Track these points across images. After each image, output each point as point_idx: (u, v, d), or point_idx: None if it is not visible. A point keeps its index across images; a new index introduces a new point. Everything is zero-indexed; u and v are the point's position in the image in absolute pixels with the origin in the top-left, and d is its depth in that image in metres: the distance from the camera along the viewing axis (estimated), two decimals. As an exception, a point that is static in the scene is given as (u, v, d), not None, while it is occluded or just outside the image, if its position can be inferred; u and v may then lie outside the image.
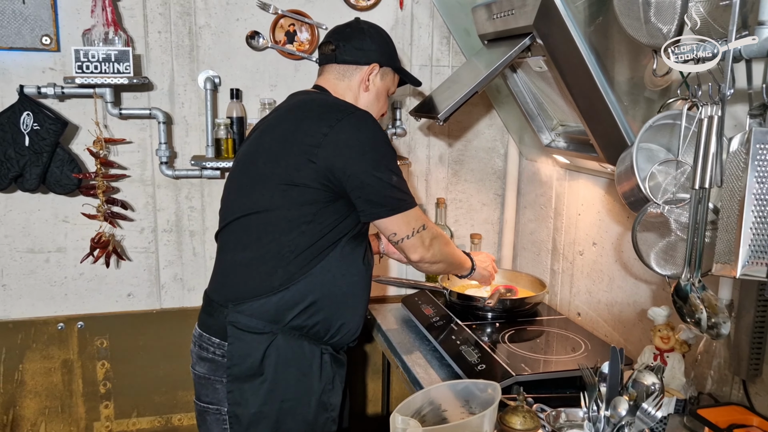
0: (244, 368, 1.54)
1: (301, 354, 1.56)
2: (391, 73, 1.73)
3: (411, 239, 1.57)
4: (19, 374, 2.20)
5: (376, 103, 1.71)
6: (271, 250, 1.53)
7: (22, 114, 1.94)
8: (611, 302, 1.92)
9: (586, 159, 1.89)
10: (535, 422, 1.23)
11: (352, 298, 1.62)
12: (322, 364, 1.59)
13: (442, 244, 1.68)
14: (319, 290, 1.55)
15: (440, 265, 1.70)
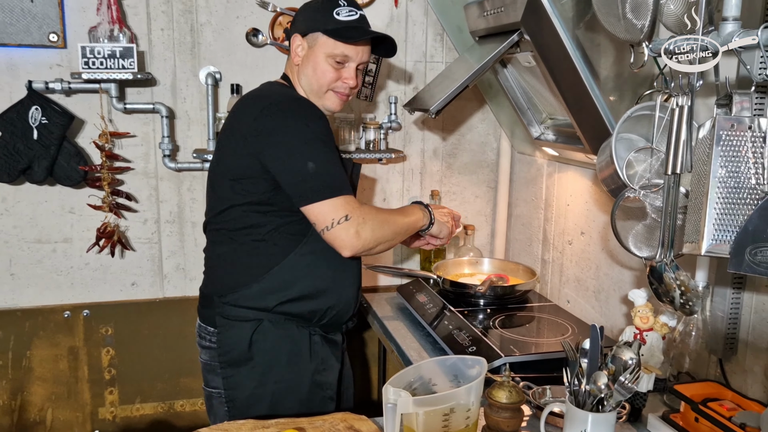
0: (235, 355, 1.62)
1: (289, 337, 1.63)
2: (323, 37, 1.62)
3: (332, 231, 1.51)
4: (26, 361, 2.27)
5: (313, 74, 1.64)
6: (243, 243, 1.61)
7: (30, 108, 2.01)
8: (598, 289, 2.00)
9: (573, 151, 1.96)
10: (520, 396, 1.30)
11: (336, 282, 1.66)
12: (311, 345, 1.65)
13: (375, 227, 1.56)
14: (300, 275, 1.61)
15: (382, 245, 1.61)
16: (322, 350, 1.67)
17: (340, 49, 1.62)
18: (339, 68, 1.64)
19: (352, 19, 1.62)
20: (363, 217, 1.53)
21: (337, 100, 1.69)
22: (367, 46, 1.67)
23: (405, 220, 1.69)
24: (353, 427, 1.28)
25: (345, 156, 1.95)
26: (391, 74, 2.40)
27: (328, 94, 1.67)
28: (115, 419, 2.39)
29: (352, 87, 1.68)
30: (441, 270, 2.21)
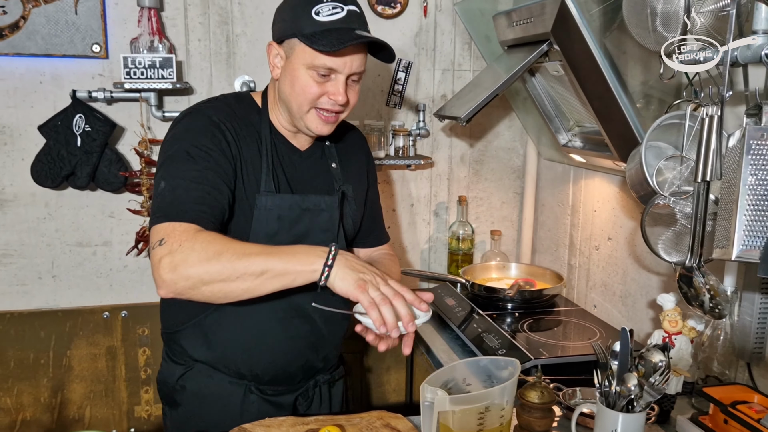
0: (166, 394, 1.55)
1: (218, 390, 1.48)
2: (301, 45, 1.31)
3: (151, 257, 1.20)
4: (67, 360, 2.35)
5: (291, 90, 1.35)
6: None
7: (74, 117, 2.10)
8: (625, 294, 2.03)
9: (601, 158, 1.99)
10: (551, 397, 1.34)
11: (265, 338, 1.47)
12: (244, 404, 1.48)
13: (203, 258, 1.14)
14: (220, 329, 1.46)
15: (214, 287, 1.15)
16: (260, 409, 1.47)
17: (321, 60, 1.30)
18: (323, 81, 1.34)
19: (335, 19, 1.28)
20: (182, 244, 1.14)
21: (319, 121, 1.37)
22: (360, 54, 1.34)
23: (266, 258, 1.16)
24: (390, 425, 1.33)
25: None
26: (419, 82, 2.45)
27: (311, 113, 1.37)
28: (150, 417, 2.47)
29: (342, 104, 1.36)
30: (469, 274, 2.25)
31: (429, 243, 2.58)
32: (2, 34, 2.06)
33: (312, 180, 1.50)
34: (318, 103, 1.36)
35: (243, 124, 1.40)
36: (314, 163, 1.52)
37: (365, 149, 1.71)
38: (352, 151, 1.63)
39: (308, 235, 1.44)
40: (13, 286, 2.27)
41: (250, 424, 1.32)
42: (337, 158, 1.56)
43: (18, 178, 2.20)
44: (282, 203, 1.39)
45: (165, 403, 1.58)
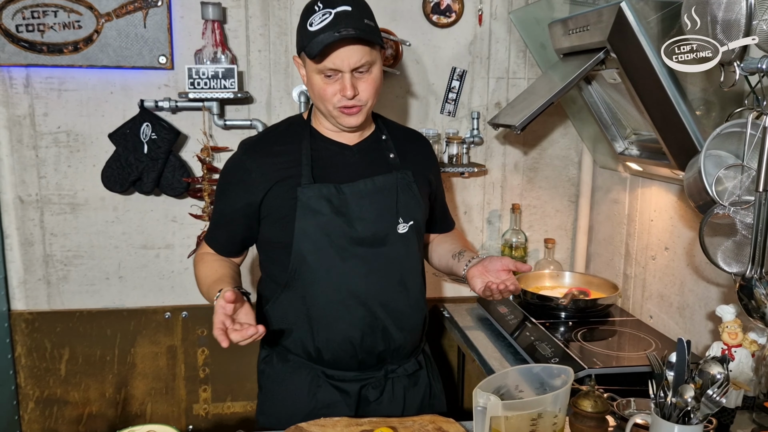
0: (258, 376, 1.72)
1: (290, 375, 1.61)
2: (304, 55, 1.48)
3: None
4: (130, 357, 2.46)
5: (314, 96, 1.52)
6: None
7: (142, 125, 2.20)
8: (683, 305, 1.99)
9: (658, 166, 1.96)
10: (605, 406, 1.33)
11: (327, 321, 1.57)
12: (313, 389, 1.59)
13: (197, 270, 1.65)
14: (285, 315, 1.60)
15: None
16: (327, 395, 1.58)
17: (321, 64, 1.43)
18: (333, 82, 1.46)
19: (323, 26, 1.39)
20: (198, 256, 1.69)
21: (344, 116, 1.50)
22: (355, 47, 1.42)
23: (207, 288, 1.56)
24: (441, 429, 1.35)
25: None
26: (473, 90, 2.46)
27: (336, 111, 1.50)
28: (208, 415, 2.55)
29: (350, 97, 1.45)
30: (522, 282, 2.25)
31: (481, 251, 2.59)
32: (77, 47, 2.18)
33: (364, 170, 1.58)
34: (336, 102, 1.48)
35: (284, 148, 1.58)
36: (367, 155, 1.62)
37: (427, 151, 1.77)
38: (411, 148, 1.70)
39: (351, 224, 1.53)
40: (83, 286, 2.39)
41: (305, 423, 1.36)
42: (395, 149, 1.65)
43: (89, 184, 2.32)
44: (322, 191, 1.52)
45: (258, 389, 1.72)
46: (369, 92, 1.49)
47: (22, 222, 2.32)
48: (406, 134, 1.74)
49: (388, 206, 1.56)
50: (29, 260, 2.35)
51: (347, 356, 1.57)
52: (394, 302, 1.57)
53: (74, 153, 2.30)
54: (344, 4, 1.41)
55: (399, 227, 1.57)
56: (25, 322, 2.38)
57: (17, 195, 2.30)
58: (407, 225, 1.58)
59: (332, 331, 1.55)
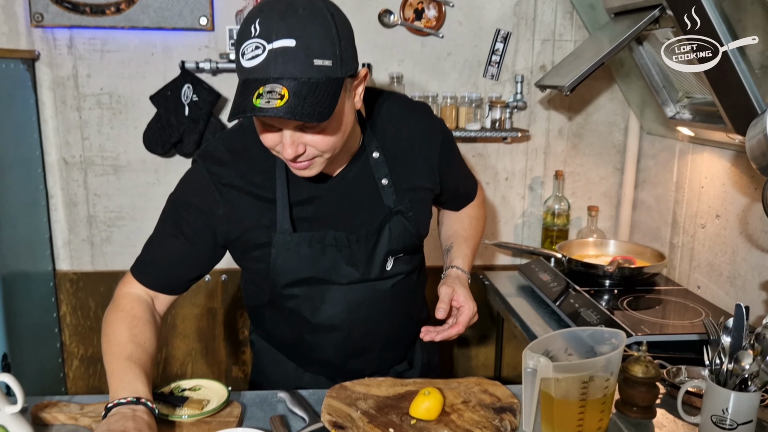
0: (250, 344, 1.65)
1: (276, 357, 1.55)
2: None
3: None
4: (171, 318, 2.49)
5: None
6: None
7: (183, 87, 2.19)
8: (734, 275, 1.93)
9: (712, 131, 1.89)
10: (656, 371, 1.29)
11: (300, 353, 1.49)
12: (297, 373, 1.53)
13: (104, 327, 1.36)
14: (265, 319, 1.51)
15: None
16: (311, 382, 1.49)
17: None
18: (273, 131, 1.13)
19: (252, 66, 1.04)
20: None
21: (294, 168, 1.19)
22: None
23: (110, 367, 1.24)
24: (488, 391, 1.33)
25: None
26: (517, 53, 2.40)
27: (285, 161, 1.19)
28: (247, 377, 2.57)
29: (291, 158, 1.13)
30: (565, 250, 2.21)
31: (523, 218, 2.54)
32: (119, 8, 2.17)
33: (346, 208, 1.33)
34: (277, 153, 1.17)
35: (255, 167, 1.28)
36: (350, 186, 1.33)
37: (436, 136, 1.41)
38: (414, 151, 1.38)
39: (335, 269, 1.34)
40: (125, 247, 2.42)
41: (350, 382, 1.36)
42: (388, 171, 1.34)
43: (131, 146, 2.33)
44: (301, 241, 1.30)
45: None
46: (322, 147, 1.14)
47: (66, 183, 2.35)
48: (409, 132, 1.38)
49: (359, 260, 1.35)
50: (73, 221, 2.39)
51: (329, 373, 1.49)
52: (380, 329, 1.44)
53: (116, 115, 2.31)
54: (285, 36, 1.02)
55: (387, 265, 1.37)
56: (69, 281, 2.42)
57: (62, 156, 2.33)
58: (396, 257, 1.39)
59: (313, 355, 1.46)
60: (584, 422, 1.19)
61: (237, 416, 1.24)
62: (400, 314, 1.46)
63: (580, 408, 1.18)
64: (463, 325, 1.37)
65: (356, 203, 1.34)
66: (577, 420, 1.19)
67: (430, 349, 1.63)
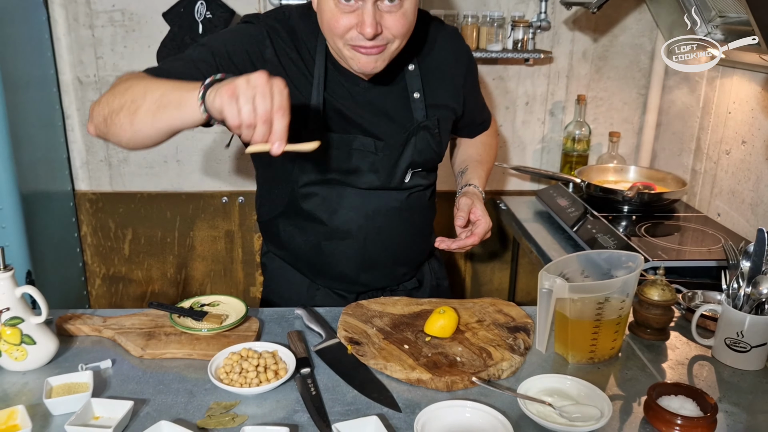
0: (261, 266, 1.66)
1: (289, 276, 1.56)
2: None
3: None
4: (190, 240, 2.53)
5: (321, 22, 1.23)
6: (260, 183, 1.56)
7: (196, 3, 2.13)
8: (756, 202, 1.89)
9: (745, 51, 1.81)
10: (672, 295, 1.29)
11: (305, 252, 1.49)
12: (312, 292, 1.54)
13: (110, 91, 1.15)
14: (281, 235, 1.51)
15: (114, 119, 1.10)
16: (324, 299, 1.51)
17: None
18: (349, 11, 1.15)
19: None
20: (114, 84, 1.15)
21: (359, 56, 1.20)
22: None
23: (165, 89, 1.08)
24: (503, 311, 1.34)
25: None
26: (542, -30, 2.29)
27: (346, 50, 1.21)
28: (264, 298, 2.63)
29: (370, 36, 1.15)
30: (584, 175, 2.17)
31: (542, 143, 2.50)
32: None
33: (376, 115, 1.34)
34: (349, 39, 1.18)
35: (299, 50, 1.29)
36: (382, 94, 1.34)
37: (464, 60, 1.46)
38: (445, 70, 1.41)
39: (358, 172, 1.36)
40: (142, 168, 2.43)
41: (366, 300, 1.37)
42: (421, 86, 1.37)
43: (146, 64, 2.23)
44: (328, 140, 1.30)
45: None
46: (398, 29, 1.17)
47: (82, 103, 2.34)
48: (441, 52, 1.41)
49: (383, 166, 1.37)
50: (90, 141, 2.39)
51: (342, 286, 1.51)
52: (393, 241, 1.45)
53: (129, 33, 2.27)
54: None
55: (406, 177, 1.40)
56: (89, 201, 2.45)
57: (76, 76, 2.30)
58: (415, 171, 1.41)
59: (327, 266, 1.47)
60: (598, 342, 1.20)
61: (255, 331, 1.27)
62: (413, 228, 1.48)
63: (594, 329, 1.19)
64: (478, 236, 1.38)
65: (386, 112, 1.35)
66: (591, 340, 1.20)
67: (439, 273, 1.65)
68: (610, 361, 1.22)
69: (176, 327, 1.24)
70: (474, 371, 1.12)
